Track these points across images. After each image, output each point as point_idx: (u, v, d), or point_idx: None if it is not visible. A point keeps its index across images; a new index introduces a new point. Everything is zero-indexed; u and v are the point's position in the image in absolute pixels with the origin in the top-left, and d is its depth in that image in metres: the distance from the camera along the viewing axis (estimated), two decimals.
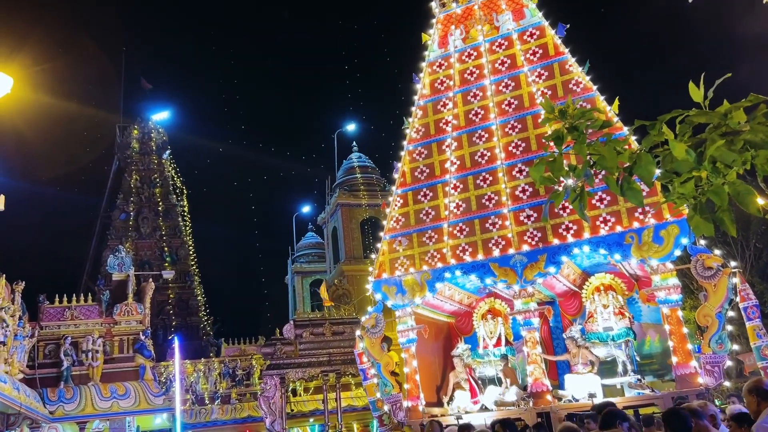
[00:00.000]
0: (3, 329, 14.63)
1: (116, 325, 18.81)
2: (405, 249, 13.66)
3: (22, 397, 14.21)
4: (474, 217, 13.19)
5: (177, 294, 36.46)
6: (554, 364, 14.19)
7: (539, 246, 12.40)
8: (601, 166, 2.72)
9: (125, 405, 17.69)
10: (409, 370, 13.30)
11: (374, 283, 13.74)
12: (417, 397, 13.03)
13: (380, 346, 13.69)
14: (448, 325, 15.95)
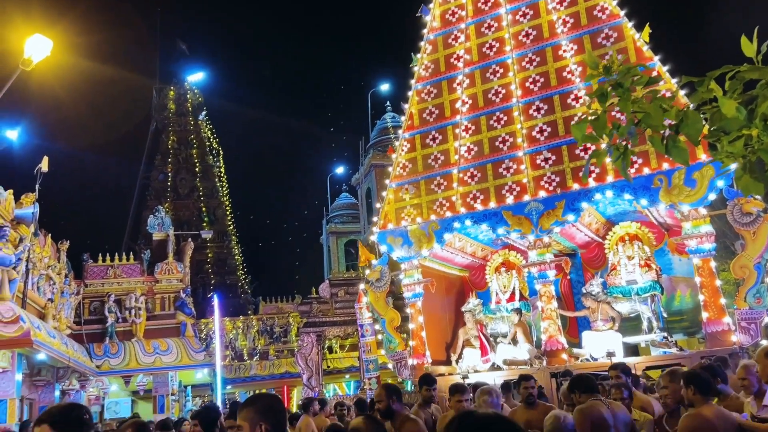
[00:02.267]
0: (50, 287, 15.13)
1: (157, 283, 19.30)
2: (412, 197, 12.82)
3: (70, 351, 14.76)
4: (486, 162, 12.30)
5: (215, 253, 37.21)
6: (574, 321, 13.39)
7: (557, 192, 11.50)
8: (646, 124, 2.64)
9: (167, 360, 18.26)
10: (414, 326, 12.59)
11: (379, 234, 12.97)
12: (423, 355, 12.39)
13: (385, 300, 13.08)
14: (461, 279, 15.07)
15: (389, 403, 4.66)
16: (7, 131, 12.72)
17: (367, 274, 13.29)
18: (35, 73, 13.58)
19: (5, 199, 12.16)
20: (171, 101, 41.26)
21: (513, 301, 13.65)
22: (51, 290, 15.15)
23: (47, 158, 13.54)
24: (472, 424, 1.37)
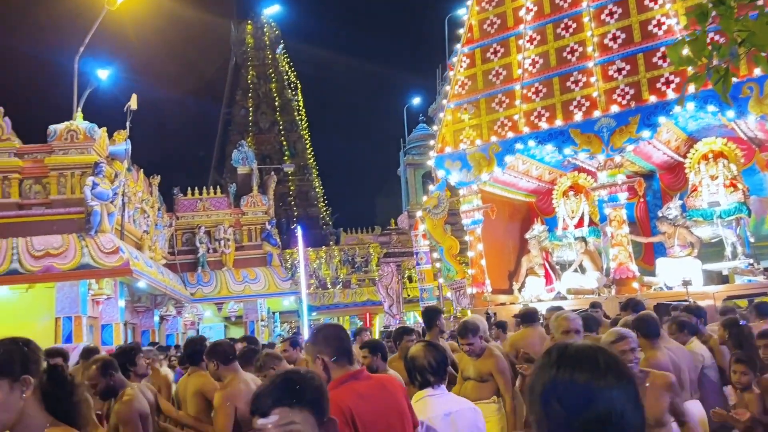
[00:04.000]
0: (145, 219, 15.98)
1: (244, 215, 20.01)
2: (471, 118, 12.01)
3: (166, 280, 15.69)
4: (553, 75, 11.35)
5: (297, 186, 38.05)
6: (650, 248, 12.45)
7: (631, 106, 10.48)
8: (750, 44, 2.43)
9: (256, 288, 19.12)
10: (473, 254, 12.05)
11: (436, 159, 12.34)
12: (482, 283, 11.89)
13: (443, 227, 12.58)
14: (527, 204, 14.21)
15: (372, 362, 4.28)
16: (98, 71, 13.23)
17: (424, 201, 12.85)
18: (120, 15, 13.94)
19: (100, 136, 12.77)
20: (249, 35, 41.56)
21: (581, 227, 12.93)
22: (146, 223, 16.00)
23: (136, 96, 14.05)
24: (571, 355, 1.33)
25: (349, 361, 2.83)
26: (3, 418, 1.96)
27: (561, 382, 1.26)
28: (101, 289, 12.50)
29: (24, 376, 2.00)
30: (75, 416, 2.09)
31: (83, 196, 11.94)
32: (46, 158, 12.37)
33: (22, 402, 1.98)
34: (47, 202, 12.32)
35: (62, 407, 2.07)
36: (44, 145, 12.47)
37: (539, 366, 1.33)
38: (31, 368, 2.03)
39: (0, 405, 1.95)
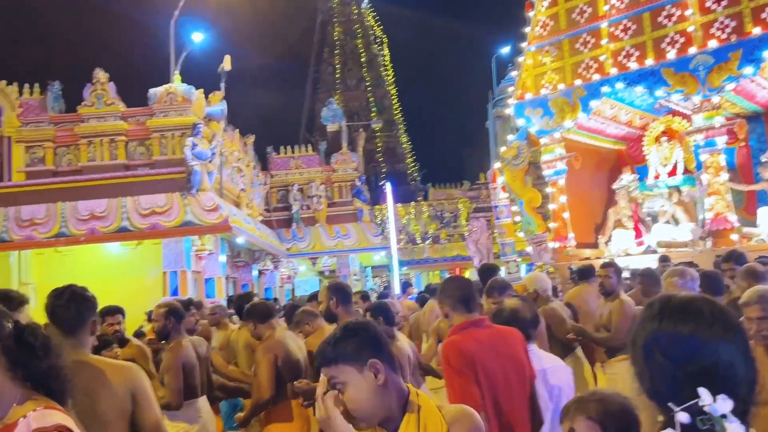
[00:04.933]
0: (241, 178, 16.52)
1: (334, 172, 20.32)
2: (553, 60, 11.28)
3: (263, 235, 16.25)
4: (643, 10, 10.41)
5: (384, 142, 38.16)
6: (752, 197, 11.40)
7: (731, 40, 9.49)
8: None
9: (348, 243, 19.51)
10: (555, 207, 11.50)
11: (516, 106, 11.71)
12: (565, 237, 11.36)
13: (523, 179, 11.99)
14: (615, 152, 13.32)
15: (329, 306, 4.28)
16: (193, 34, 13.60)
17: (502, 152, 12.27)
18: None
19: (197, 98, 13.20)
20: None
21: (674, 176, 12.04)
22: (242, 181, 16.55)
23: (229, 57, 14.37)
24: (675, 306, 1.27)
25: (469, 310, 2.97)
26: None
27: (664, 334, 1.24)
28: (203, 245, 13.09)
29: None
30: (51, 382, 1.85)
31: (184, 156, 12.45)
32: (148, 121, 12.94)
33: None
34: (151, 162, 12.94)
35: (34, 374, 1.83)
36: (146, 108, 13.03)
37: (642, 319, 1.30)
38: None
39: None
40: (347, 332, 1.82)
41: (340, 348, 1.78)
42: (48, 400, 1.81)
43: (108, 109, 12.87)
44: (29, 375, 1.82)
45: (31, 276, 12.72)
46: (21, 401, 1.78)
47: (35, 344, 1.84)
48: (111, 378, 2.66)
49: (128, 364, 2.87)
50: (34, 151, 12.88)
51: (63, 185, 12.65)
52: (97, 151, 12.82)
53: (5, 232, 12.13)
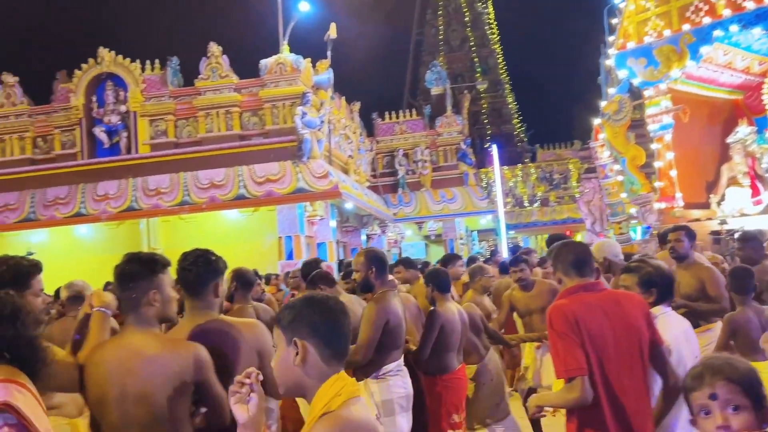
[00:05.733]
0: (349, 144, 16.80)
1: (439, 136, 20.21)
2: (658, 5, 10.35)
3: (370, 201, 16.53)
4: None
5: (490, 103, 37.39)
6: None
7: None
8: None
9: (454, 207, 19.45)
10: (662, 164, 10.68)
11: (617, 57, 10.84)
12: (672, 197, 10.56)
13: (625, 135, 11.12)
14: (731, 103, 12.07)
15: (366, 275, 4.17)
16: (299, 3, 13.80)
17: (602, 107, 11.44)
18: None
19: (305, 67, 13.47)
20: None
21: None
22: (349, 148, 16.82)
23: (334, 24, 14.50)
24: None
25: (580, 274, 2.94)
26: None
27: None
28: (315, 210, 13.49)
29: None
30: (19, 351, 1.90)
31: (294, 125, 12.80)
32: (260, 91, 13.36)
33: None
34: (264, 132, 13.41)
35: (5, 346, 1.88)
36: (257, 79, 13.46)
37: None
38: None
39: None
40: (297, 303, 1.84)
41: (284, 314, 1.82)
42: (12, 371, 1.83)
43: (222, 82, 13.41)
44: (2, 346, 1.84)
45: (159, 241, 13.66)
46: None
47: (2, 313, 1.88)
48: (238, 336, 2.81)
49: (255, 322, 3.00)
50: (157, 125, 13.68)
51: (184, 156, 13.40)
52: (214, 122, 13.43)
53: (135, 201, 13.06)
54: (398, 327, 4.18)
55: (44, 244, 13.67)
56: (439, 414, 4.69)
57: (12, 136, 14.01)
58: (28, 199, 13.55)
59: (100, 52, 13.72)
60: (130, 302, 2.55)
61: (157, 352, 2.47)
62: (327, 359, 1.79)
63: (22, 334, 1.89)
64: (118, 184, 13.31)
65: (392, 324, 4.11)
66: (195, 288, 2.91)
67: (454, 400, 4.71)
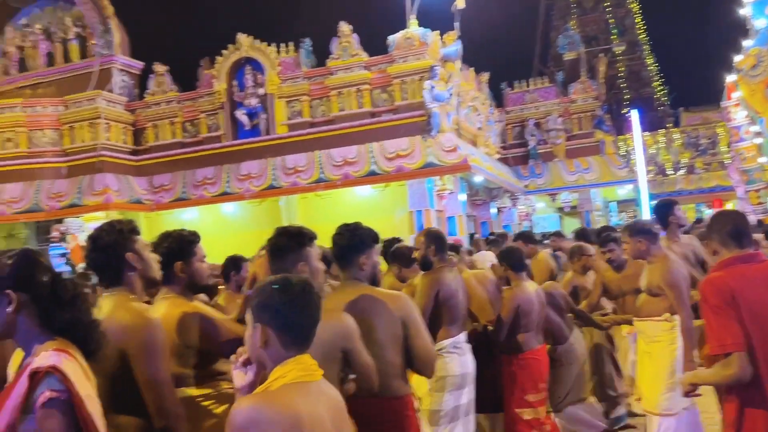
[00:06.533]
0: (477, 116, 16.57)
1: (573, 103, 19.41)
2: None
3: (501, 173, 16.27)
4: None
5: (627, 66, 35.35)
6: None
7: None
8: None
9: (590, 178, 18.68)
10: None
11: (754, 4, 9.71)
12: None
13: (763, 93, 10.05)
14: None
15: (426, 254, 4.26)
16: None
17: (736, 62, 10.24)
18: None
19: (432, 40, 13.40)
20: None
21: None
22: (478, 120, 16.60)
23: None
24: None
25: (740, 245, 2.81)
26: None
27: None
28: (444, 184, 13.50)
29: (6, 291, 2.01)
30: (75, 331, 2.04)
31: (423, 99, 12.81)
32: (389, 67, 13.48)
33: (8, 317, 2.01)
34: (393, 108, 13.54)
35: (59, 322, 2.04)
36: (386, 56, 13.58)
37: None
38: (16, 283, 2.02)
39: None
40: (266, 287, 1.92)
41: (254, 295, 1.93)
42: (67, 344, 2.00)
43: (353, 60, 13.66)
44: (55, 323, 2.03)
45: (298, 217, 14.28)
46: (43, 342, 1.99)
47: (64, 297, 2.06)
48: (385, 307, 2.93)
49: (399, 294, 3.11)
50: (293, 105, 14.22)
51: (318, 135, 13.86)
52: (345, 100, 13.76)
53: (275, 179, 13.73)
54: (451, 299, 4.24)
55: (194, 221, 14.73)
56: (512, 392, 4.66)
57: (164, 121, 15.17)
58: (180, 179, 14.65)
59: (239, 38, 14.44)
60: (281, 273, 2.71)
61: None
62: (287, 345, 1.87)
63: (80, 317, 2.07)
64: (259, 164, 14.04)
65: (444, 295, 4.19)
66: (343, 259, 3.06)
67: (529, 379, 4.66)
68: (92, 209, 13.79)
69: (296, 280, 1.96)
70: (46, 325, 2.02)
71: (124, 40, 15.86)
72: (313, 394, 1.84)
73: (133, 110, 15.39)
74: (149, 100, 15.25)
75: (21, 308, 2.01)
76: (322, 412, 1.83)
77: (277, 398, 1.78)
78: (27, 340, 2.02)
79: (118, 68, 15.57)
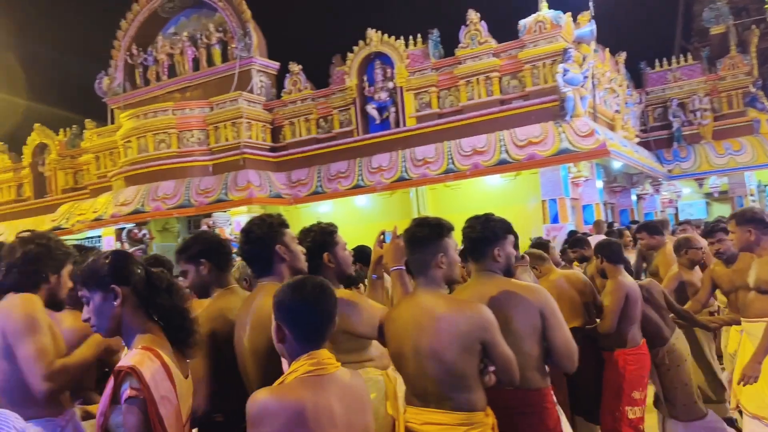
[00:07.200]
0: (615, 99, 15.78)
1: (721, 81, 17.95)
2: None
3: (641, 158, 15.39)
4: None
5: None
6: None
7: None
8: None
9: (742, 160, 17.22)
10: None
11: None
12: None
13: None
14: None
15: None
16: None
17: None
18: None
19: (565, 22, 12.92)
20: None
21: None
22: (616, 102, 15.81)
23: None
24: None
25: None
26: (102, 323, 2.22)
27: None
28: (579, 171, 13.00)
29: (112, 286, 2.19)
30: (172, 318, 2.25)
31: (555, 84, 12.40)
32: (519, 53, 13.17)
33: (116, 309, 2.20)
34: (524, 94, 13.22)
35: (158, 310, 2.24)
36: (516, 42, 13.28)
37: None
38: (120, 279, 2.21)
39: (96, 311, 2.21)
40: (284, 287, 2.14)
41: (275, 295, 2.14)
42: (159, 339, 2.20)
43: (482, 48, 13.48)
44: (154, 311, 2.23)
45: (428, 208, 14.37)
46: (143, 332, 2.20)
47: (161, 287, 2.26)
48: (522, 298, 2.91)
49: (537, 287, 3.06)
50: (422, 97, 14.29)
51: (447, 125, 13.83)
52: (474, 89, 13.61)
53: (405, 171, 13.88)
54: None
55: (329, 214, 15.25)
56: (618, 390, 4.42)
57: (300, 119, 15.80)
58: (315, 174, 15.21)
59: (369, 33, 14.71)
60: (420, 264, 2.74)
61: (446, 311, 2.62)
62: (300, 341, 2.05)
63: (176, 305, 2.27)
64: (390, 156, 14.25)
65: None
66: (477, 252, 3.06)
67: (636, 376, 4.43)
68: (237, 204, 14.68)
69: (310, 281, 2.12)
70: (146, 313, 2.24)
71: (262, 43, 16.68)
72: (323, 386, 2.00)
73: (271, 109, 16.17)
74: (286, 99, 15.95)
75: (124, 301, 2.21)
76: (332, 402, 1.99)
77: (284, 391, 1.98)
78: (129, 333, 2.23)
79: (257, 69, 16.41)
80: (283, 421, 1.91)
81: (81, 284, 2.26)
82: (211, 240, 3.16)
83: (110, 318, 2.21)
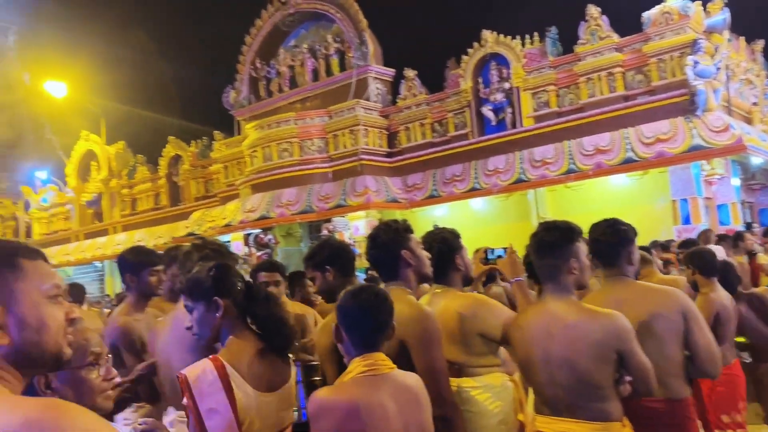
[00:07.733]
0: (752, 90, 14.65)
1: None
2: None
3: None
4: None
5: None
6: None
7: None
8: None
9: None
10: None
11: None
12: None
13: None
14: None
15: None
16: None
17: None
18: None
19: (694, 12, 12.18)
20: None
21: None
22: (753, 94, 14.68)
23: None
24: None
25: None
26: (204, 332, 2.34)
27: None
28: (713, 169, 12.21)
29: (214, 298, 2.30)
30: (269, 325, 2.34)
31: (684, 77, 11.71)
32: (644, 47, 12.55)
33: (218, 320, 2.31)
34: (650, 89, 12.58)
35: (257, 319, 2.35)
36: (640, 35, 12.67)
37: None
38: (222, 291, 2.32)
39: (200, 322, 2.34)
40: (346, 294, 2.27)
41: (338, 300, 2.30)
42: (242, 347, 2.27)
43: (603, 44, 12.98)
44: (252, 320, 2.36)
45: (547, 210, 14.00)
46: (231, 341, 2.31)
47: (258, 298, 2.39)
48: (662, 301, 2.83)
49: (675, 290, 2.94)
50: (539, 96, 13.96)
51: (567, 124, 13.42)
52: (596, 86, 13.12)
53: (522, 173, 13.61)
54: None
55: (445, 218, 15.23)
56: (704, 414, 4.08)
57: (414, 123, 15.92)
58: (431, 178, 15.26)
59: (484, 34, 14.58)
60: (549, 270, 2.67)
61: (578, 319, 2.55)
62: (355, 343, 2.18)
63: (273, 313, 2.38)
64: (506, 158, 14.03)
65: None
66: (606, 256, 2.97)
67: (728, 398, 4.09)
68: (355, 209, 15.02)
69: (369, 289, 2.24)
70: (244, 322, 2.36)
71: (377, 50, 16.98)
72: (377, 385, 2.10)
73: (387, 115, 16.41)
74: (401, 105, 16.14)
75: (225, 312, 2.32)
76: (386, 401, 2.07)
77: (340, 390, 2.13)
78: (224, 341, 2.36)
79: (373, 77, 16.73)
80: (339, 417, 2.04)
81: (186, 294, 2.39)
82: (335, 247, 3.23)
83: (212, 328, 2.33)
